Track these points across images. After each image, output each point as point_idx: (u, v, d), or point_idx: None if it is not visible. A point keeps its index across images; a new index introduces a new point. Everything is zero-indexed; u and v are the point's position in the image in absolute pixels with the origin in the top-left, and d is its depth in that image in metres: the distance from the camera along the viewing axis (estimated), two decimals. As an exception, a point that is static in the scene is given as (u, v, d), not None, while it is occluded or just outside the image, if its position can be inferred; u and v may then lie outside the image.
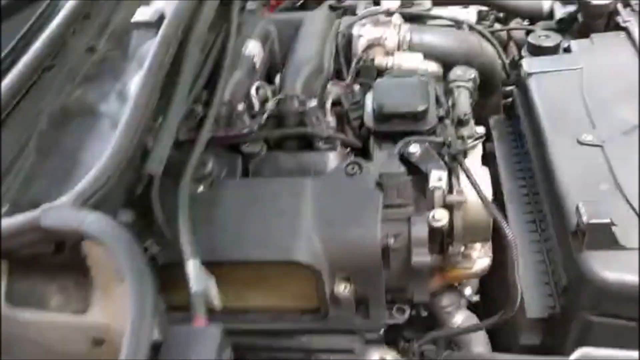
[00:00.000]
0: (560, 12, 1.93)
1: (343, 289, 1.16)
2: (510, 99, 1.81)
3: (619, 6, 1.80)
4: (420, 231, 1.15)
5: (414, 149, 1.26)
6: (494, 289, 1.46)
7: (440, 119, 1.37)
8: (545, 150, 1.46)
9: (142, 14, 1.47)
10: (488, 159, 1.68)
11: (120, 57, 1.52)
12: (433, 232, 1.24)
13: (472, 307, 1.52)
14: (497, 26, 2.13)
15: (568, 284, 1.26)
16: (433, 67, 1.62)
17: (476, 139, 1.47)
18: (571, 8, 1.88)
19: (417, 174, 1.26)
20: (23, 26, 1.41)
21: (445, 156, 1.27)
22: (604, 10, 1.77)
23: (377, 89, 1.37)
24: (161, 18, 1.45)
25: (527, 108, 1.65)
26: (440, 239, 1.30)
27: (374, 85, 1.40)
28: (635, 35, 1.70)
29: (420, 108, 1.32)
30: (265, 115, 1.35)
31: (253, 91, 1.45)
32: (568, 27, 1.88)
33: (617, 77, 1.57)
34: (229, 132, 1.34)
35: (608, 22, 1.84)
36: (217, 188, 1.24)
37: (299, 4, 2.03)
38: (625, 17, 1.78)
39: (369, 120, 1.35)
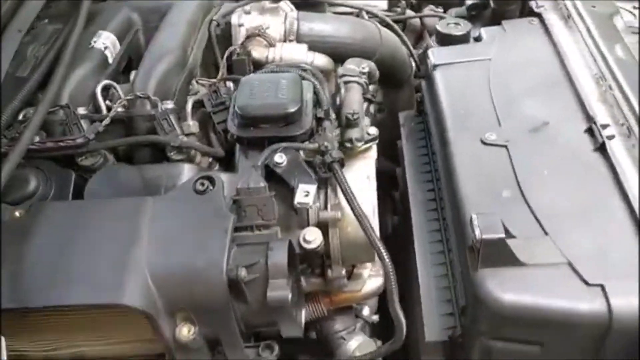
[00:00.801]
0: (472, -4, 1.75)
1: (187, 332, 0.94)
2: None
3: (533, -11, 1.63)
4: (278, 259, 0.94)
5: (280, 158, 1.05)
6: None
7: (319, 121, 1.17)
8: (447, 151, 1.29)
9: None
10: (399, 159, 1.51)
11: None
12: (307, 254, 1.04)
13: (373, 327, 1.35)
14: (410, 13, 1.95)
15: (466, 304, 1.09)
16: (320, 59, 1.41)
17: (367, 142, 1.28)
18: (482, -8, 1.70)
19: (287, 187, 1.06)
20: None
21: (320, 166, 1.07)
22: (516, -6, 1.60)
23: (241, 87, 1.15)
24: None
25: (433, 103, 1.47)
26: (319, 262, 1.10)
27: (240, 83, 1.18)
28: (550, 21, 1.53)
29: (291, 109, 1.11)
30: (105, 121, 1.12)
31: (99, 91, 1.21)
32: (480, 14, 1.70)
33: (527, 69, 1.41)
34: (59, 142, 1.10)
35: (523, 6, 1.67)
36: (36, 213, 1.00)
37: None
38: (539, 1, 1.61)
39: (231, 125, 1.13)
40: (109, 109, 1.20)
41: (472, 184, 1.17)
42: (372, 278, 1.21)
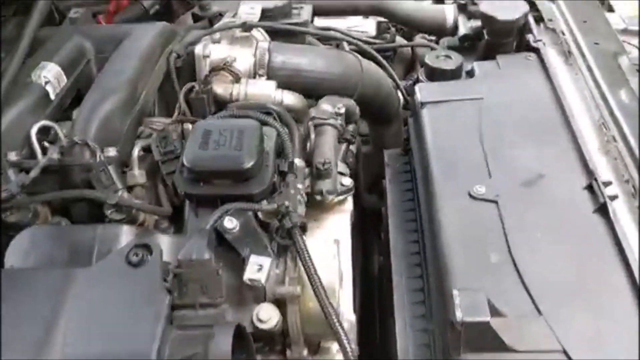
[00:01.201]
0: (465, 27, 1.61)
1: None
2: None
3: (531, 22, 1.49)
4: (220, 349, 0.79)
5: (230, 223, 0.90)
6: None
7: (282, 175, 1.02)
8: (432, 204, 1.15)
9: None
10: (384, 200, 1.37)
11: None
12: (262, 334, 0.89)
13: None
14: (400, 41, 1.81)
15: (447, 389, 0.95)
16: (290, 98, 1.26)
17: (341, 194, 1.14)
18: (476, 23, 1.57)
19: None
20: None
21: (278, 231, 0.92)
22: (512, 27, 1.46)
23: (193, 135, 1.01)
24: None
25: (419, 145, 1.33)
26: (279, 340, 0.95)
27: (192, 129, 1.03)
28: (549, 58, 1.40)
29: (247, 164, 0.96)
30: (33, 172, 0.97)
31: (34, 133, 1.07)
32: (473, 45, 1.56)
33: (522, 111, 1.27)
34: (-20, 197, 0.95)
35: (520, 40, 1.53)
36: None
37: (152, 11, 1.65)
38: (537, 35, 1.48)
39: (179, 180, 0.98)
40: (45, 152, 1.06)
41: (457, 246, 1.03)
42: (342, 351, 1.06)
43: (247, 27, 1.35)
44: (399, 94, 1.61)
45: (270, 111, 1.12)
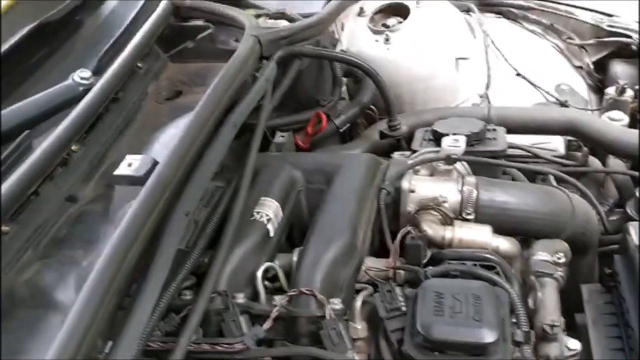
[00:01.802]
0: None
1: None
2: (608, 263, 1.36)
3: None
4: None
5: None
6: None
7: (517, 345, 0.95)
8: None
9: (129, 164, 1.16)
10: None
11: (100, 215, 1.21)
12: None
13: None
14: (595, 164, 1.69)
15: None
16: (506, 245, 1.20)
17: (568, 360, 1.04)
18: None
19: None
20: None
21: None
22: None
23: (424, 296, 0.97)
24: (149, 173, 1.14)
25: (633, 293, 1.20)
26: None
27: (421, 289, 0.99)
28: None
29: (488, 339, 0.90)
30: (266, 325, 0.98)
31: (259, 275, 1.09)
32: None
33: None
34: (216, 346, 0.97)
35: None
36: None
37: (343, 128, 1.68)
38: None
39: (409, 344, 0.94)
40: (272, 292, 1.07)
41: None
42: None
43: (451, 159, 1.32)
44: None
45: (493, 264, 1.06)
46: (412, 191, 1.29)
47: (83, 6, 1.56)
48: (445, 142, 1.35)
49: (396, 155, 1.51)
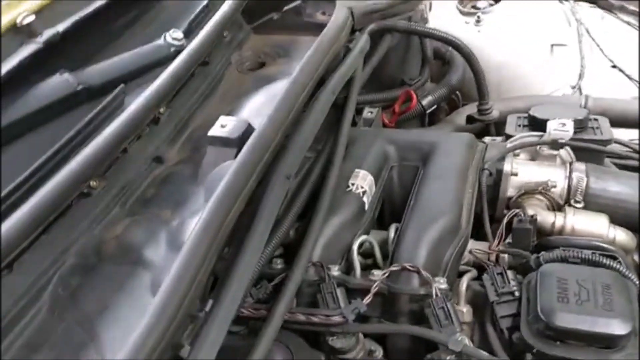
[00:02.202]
0: None
1: None
2: None
3: None
4: None
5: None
6: None
7: (647, 341, 0.85)
8: None
9: (222, 125, 1.11)
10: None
11: (188, 176, 1.17)
12: None
13: None
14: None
15: None
16: (623, 237, 1.09)
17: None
18: None
19: None
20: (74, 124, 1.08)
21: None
22: None
23: (545, 281, 0.88)
24: (244, 135, 1.09)
25: None
26: None
27: (541, 274, 0.90)
28: None
29: (620, 332, 0.81)
30: (367, 299, 0.91)
31: (355, 249, 1.02)
32: None
33: None
34: (312, 316, 0.90)
35: None
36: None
37: (429, 110, 1.60)
38: None
39: (526, 331, 0.85)
40: (362, 267, 1.01)
41: None
42: None
43: (557, 144, 1.23)
44: None
45: (616, 255, 0.96)
46: (515, 174, 1.20)
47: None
48: (552, 125, 1.26)
49: (487, 139, 1.42)
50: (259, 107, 1.30)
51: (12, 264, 0.86)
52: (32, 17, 1.09)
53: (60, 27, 1.13)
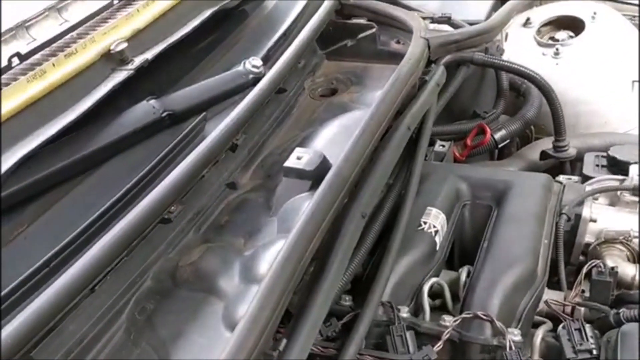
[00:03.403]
0: None
1: None
2: None
3: None
4: None
5: None
6: None
7: None
8: None
9: (298, 157, 1.12)
10: None
11: (260, 205, 1.18)
12: None
13: None
14: None
15: None
16: None
17: None
18: None
19: None
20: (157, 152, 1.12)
21: None
22: None
23: (626, 343, 0.84)
24: (319, 169, 1.10)
25: None
26: None
27: (622, 333, 0.87)
28: None
29: None
30: (438, 346, 0.90)
31: (426, 291, 1.01)
32: None
33: None
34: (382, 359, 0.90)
35: None
36: None
37: (501, 144, 1.57)
38: None
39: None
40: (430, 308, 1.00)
41: None
42: None
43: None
44: None
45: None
46: (593, 220, 1.16)
47: (252, -3, 1.57)
48: (635, 170, 1.21)
49: (562, 178, 1.38)
50: (333, 137, 1.31)
51: (94, 286, 0.89)
52: (125, 45, 1.13)
53: (150, 53, 1.17)
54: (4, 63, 1.01)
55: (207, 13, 1.34)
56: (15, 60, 1.01)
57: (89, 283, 0.86)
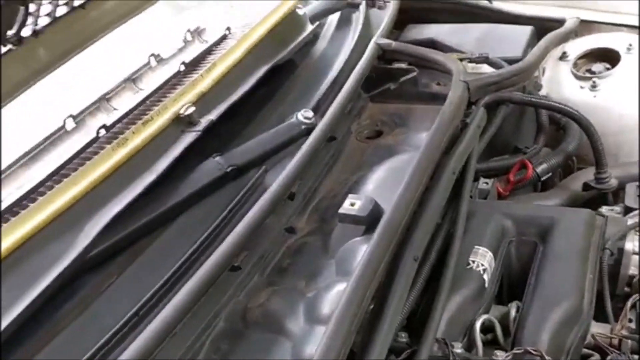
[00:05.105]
0: None
1: None
2: None
3: None
4: None
5: None
6: None
7: None
8: None
9: (352, 204, 1.22)
10: None
11: (318, 248, 1.29)
12: None
13: None
14: None
15: None
16: None
17: None
18: None
19: None
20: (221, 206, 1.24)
21: None
22: None
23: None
24: (372, 214, 1.19)
25: None
26: None
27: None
28: None
29: None
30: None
31: (478, 327, 1.08)
32: None
33: None
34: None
35: None
36: None
37: (543, 178, 1.63)
38: None
39: None
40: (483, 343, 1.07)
41: None
42: None
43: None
44: None
45: None
46: (637, 253, 1.21)
47: (299, 49, 1.69)
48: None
49: (604, 210, 1.42)
50: (383, 181, 1.40)
51: (175, 329, 1.00)
52: (193, 109, 1.26)
53: (214, 114, 1.30)
54: (93, 134, 1.15)
55: (262, 70, 1.47)
56: (102, 131, 1.15)
57: (173, 328, 0.97)
